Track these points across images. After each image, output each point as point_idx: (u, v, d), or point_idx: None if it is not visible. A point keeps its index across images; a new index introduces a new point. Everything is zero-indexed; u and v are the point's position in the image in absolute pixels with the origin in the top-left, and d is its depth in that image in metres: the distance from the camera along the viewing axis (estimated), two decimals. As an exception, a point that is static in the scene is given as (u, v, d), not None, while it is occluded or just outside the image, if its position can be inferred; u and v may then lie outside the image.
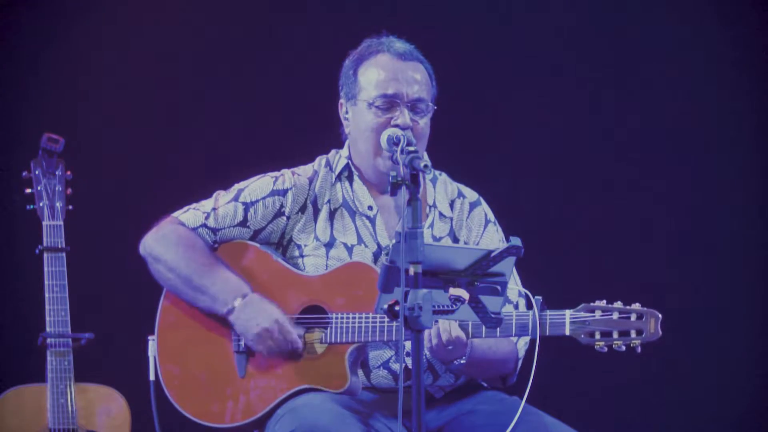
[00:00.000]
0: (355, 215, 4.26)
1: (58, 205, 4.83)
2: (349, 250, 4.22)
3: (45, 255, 4.79)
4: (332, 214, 4.26)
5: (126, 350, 4.64)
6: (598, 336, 3.95)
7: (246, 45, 5.81)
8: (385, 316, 3.39)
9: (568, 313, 3.97)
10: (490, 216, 4.37)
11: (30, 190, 4.85)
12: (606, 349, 3.94)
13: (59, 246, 4.80)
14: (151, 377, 4.20)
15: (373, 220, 4.25)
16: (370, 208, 4.26)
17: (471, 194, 4.38)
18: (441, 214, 4.30)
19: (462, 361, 4.03)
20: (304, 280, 4.16)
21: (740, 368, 5.78)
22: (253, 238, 4.24)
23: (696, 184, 5.84)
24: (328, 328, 4.09)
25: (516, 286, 4.19)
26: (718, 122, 5.84)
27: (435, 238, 4.26)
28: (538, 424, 4.02)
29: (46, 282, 4.77)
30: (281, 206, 4.25)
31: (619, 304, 3.96)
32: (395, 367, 4.14)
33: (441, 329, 3.95)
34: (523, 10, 5.88)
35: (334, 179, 4.30)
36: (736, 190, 5.83)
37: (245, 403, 4.12)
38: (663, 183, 5.85)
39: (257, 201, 4.24)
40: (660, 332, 3.93)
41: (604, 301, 3.96)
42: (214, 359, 4.16)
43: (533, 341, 3.95)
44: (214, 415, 4.14)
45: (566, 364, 5.27)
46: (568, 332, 3.96)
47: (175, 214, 4.28)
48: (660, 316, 3.94)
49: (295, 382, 4.09)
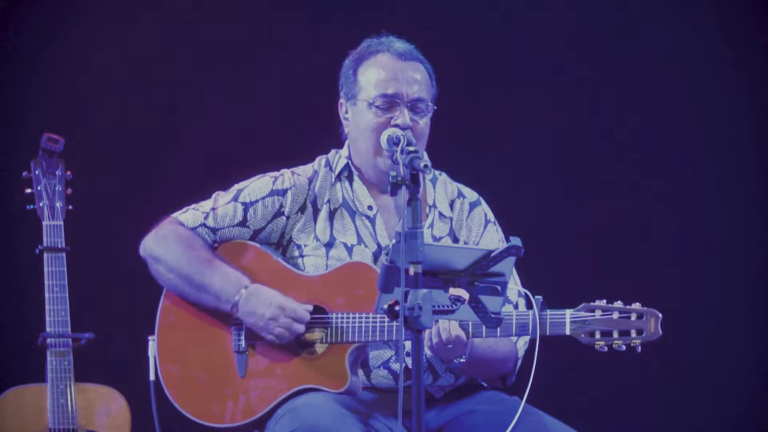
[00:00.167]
0: (354, 215, 4.25)
1: (58, 205, 4.83)
2: (349, 250, 4.21)
3: (45, 255, 4.79)
4: (332, 214, 4.26)
5: (126, 350, 4.64)
6: (598, 336, 3.94)
7: (246, 45, 5.81)
8: (385, 316, 3.39)
9: (568, 312, 3.96)
10: (490, 216, 4.37)
11: (30, 190, 4.85)
12: (606, 348, 3.94)
13: (59, 246, 4.80)
14: (151, 377, 4.20)
15: (372, 220, 4.25)
16: (370, 207, 4.26)
17: (471, 194, 4.38)
18: (441, 214, 4.30)
19: (462, 360, 4.03)
20: (305, 280, 4.16)
21: (740, 368, 5.78)
22: (253, 238, 4.24)
23: (696, 184, 5.84)
24: (329, 328, 4.09)
25: (516, 286, 4.19)
26: (718, 122, 5.84)
27: (435, 238, 4.25)
28: (538, 424, 4.01)
29: (46, 282, 4.77)
30: (281, 206, 4.24)
31: (619, 303, 3.96)
32: (395, 366, 4.14)
33: (441, 328, 3.95)
34: (523, 10, 5.87)
35: (333, 179, 4.29)
36: (736, 190, 5.82)
37: (245, 403, 4.12)
38: (663, 183, 5.84)
39: (257, 201, 4.24)
40: (660, 332, 3.93)
41: (605, 301, 3.96)
42: (214, 359, 4.16)
43: (533, 341, 3.95)
44: (214, 415, 4.14)
45: (566, 364, 5.27)
46: (568, 332, 3.96)
47: (174, 214, 4.28)
48: (660, 315, 3.94)
49: (295, 382, 4.09)
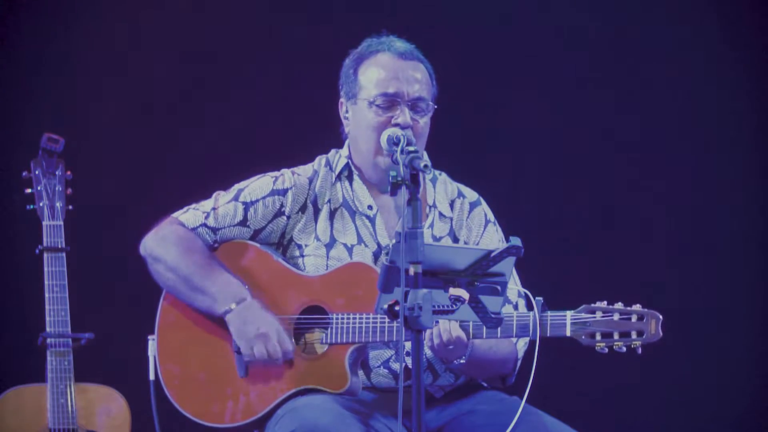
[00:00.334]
0: (355, 215, 4.25)
1: (58, 205, 4.83)
2: (349, 250, 4.21)
3: (45, 255, 4.79)
4: (332, 214, 4.26)
5: (126, 350, 4.64)
6: (598, 337, 3.94)
7: (246, 45, 5.81)
8: (385, 316, 3.39)
9: (568, 314, 3.96)
10: (490, 216, 4.37)
11: (30, 190, 4.85)
12: (607, 350, 3.93)
13: (59, 246, 4.80)
14: (151, 377, 4.20)
15: (372, 220, 4.24)
16: (370, 207, 4.25)
17: (471, 194, 4.38)
18: (441, 214, 4.29)
19: (462, 360, 4.03)
20: (305, 281, 4.16)
21: (740, 368, 5.78)
22: (253, 238, 4.24)
23: (696, 184, 5.84)
24: (329, 329, 4.09)
25: (515, 286, 4.19)
26: (718, 122, 5.84)
27: (435, 238, 4.25)
28: (538, 424, 4.01)
29: (46, 282, 4.77)
30: (281, 206, 4.24)
31: (619, 305, 3.95)
32: (395, 366, 4.14)
33: (442, 329, 3.95)
34: (524, 10, 5.87)
35: (334, 179, 4.29)
36: (736, 190, 5.82)
37: (245, 403, 4.12)
38: (663, 183, 5.84)
39: (257, 201, 4.24)
40: (661, 333, 3.93)
41: (605, 302, 3.95)
42: (214, 359, 4.16)
43: (533, 342, 3.94)
44: (214, 415, 4.14)
45: (566, 364, 5.27)
46: (568, 333, 3.95)
47: (174, 214, 4.28)
48: (661, 317, 3.93)
49: (295, 382, 4.09)
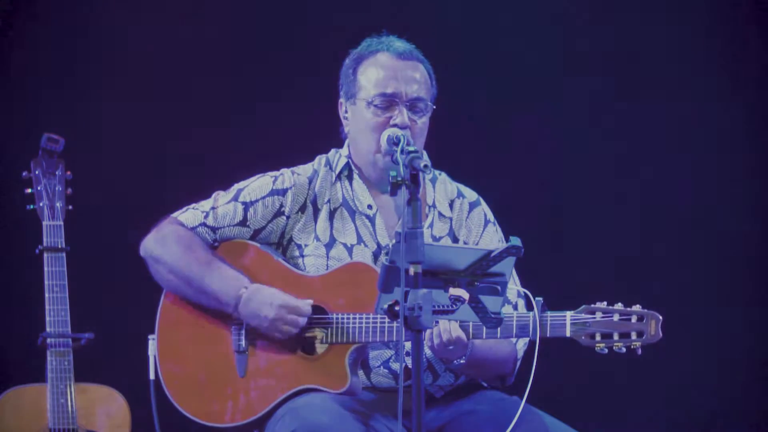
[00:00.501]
0: (354, 215, 4.25)
1: (58, 205, 4.83)
2: (349, 250, 4.21)
3: (45, 255, 4.79)
4: (332, 214, 4.26)
5: (126, 350, 4.63)
6: (598, 338, 3.94)
7: (246, 45, 5.81)
8: (385, 316, 3.39)
9: (568, 314, 3.96)
10: (490, 216, 4.37)
11: (30, 190, 4.85)
12: (606, 350, 3.93)
13: (59, 246, 4.79)
14: (151, 377, 4.20)
15: (372, 220, 4.24)
16: (370, 207, 4.25)
17: (471, 194, 4.38)
18: (440, 214, 4.29)
19: (462, 360, 4.03)
20: (305, 281, 4.16)
21: (740, 368, 5.78)
22: (253, 238, 4.24)
23: (696, 184, 5.84)
24: (329, 329, 4.09)
25: (515, 286, 4.19)
26: (718, 122, 5.84)
27: (434, 238, 4.25)
28: (538, 424, 4.01)
29: (46, 282, 4.77)
30: (281, 206, 4.24)
31: (619, 305, 3.95)
32: (395, 366, 4.14)
33: (442, 329, 3.95)
34: (524, 10, 5.87)
35: (334, 178, 4.29)
36: (736, 189, 5.82)
37: (245, 403, 4.12)
38: (663, 183, 5.84)
39: (257, 200, 4.24)
40: (661, 334, 3.93)
41: (605, 303, 3.95)
42: (214, 359, 4.16)
43: (533, 342, 3.94)
44: (214, 414, 4.14)
45: (566, 364, 5.27)
46: (568, 334, 3.95)
47: (174, 214, 4.27)
48: (661, 318, 3.93)
49: (295, 382, 4.08)
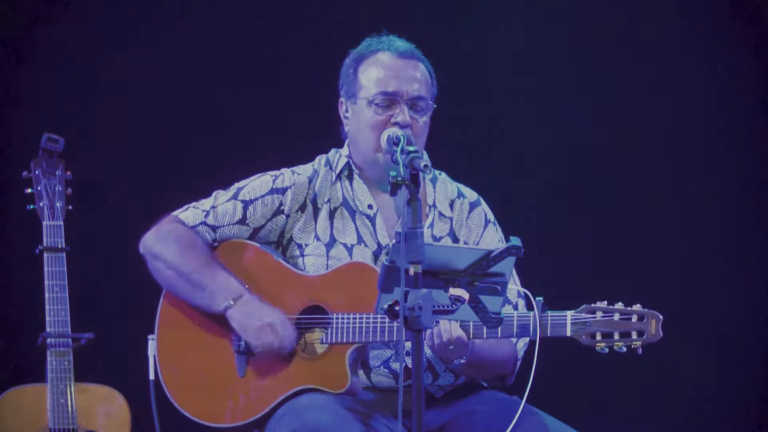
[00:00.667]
0: (354, 214, 4.25)
1: (58, 205, 4.83)
2: (349, 249, 4.21)
3: (45, 255, 4.78)
4: (332, 214, 4.26)
5: (126, 350, 4.64)
6: (599, 337, 3.94)
7: (246, 45, 5.81)
8: (385, 316, 3.39)
9: (569, 314, 3.96)
10: (490, 216, 4.37)
11: (30, 190, 4.85)
12: (607, 350, 3.93)
13: (59, 246, 4.79)
14: (151, 377, 4.20)
15: (372, 219, 4.24)
16: (370, 206, 4.25)
17: (471, 194, 4.37)
18: (441, 214, 4.29)
19: (462, 360, 4.02)
20: (305, 280, 4.15)
21: (740, 368, 5.78)
22: (252, 237, 4.23)
23: (696, 184, 5.84)
24: (329, 329, 4.09)
25: (515, 286, 4.19)
26: (718, 122, 5.84)
27: (435, 238, 4.25)
28: (538, 424, 4.01)
29: (46, 282, 4.77)
30: (280, 204, 4.24)
31: (620, 305, 3.95)
32: (395, 366, 4.14)
33: (442, 329, 3.95)
34: (523, 10, 5.87)
35: (334, 178, 4.29)
36: (736, 189, 5.82)
37: (245, 403, 4.12)
38: (663, 183, 5.84)
39: (256, 199, 4.24)
40: (661, 333, 3.92)
41: (605, 302, 3.95)
42: (214, 359, 4.16)
43: (533, 342, 3.94)
44: (214, 415, 4.14)
45: (566, 364, 5.27)
46: (569, 333, 3.95)
47: (174, 212, 4.27)
48: (661, 317, 3.93)
49: (295, 382, 4.08)
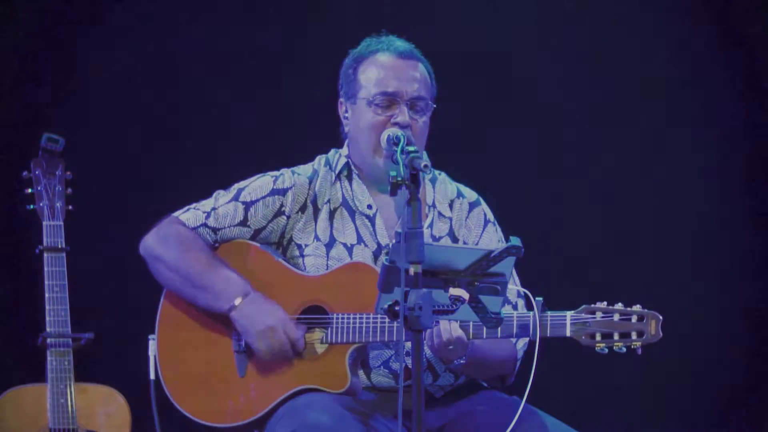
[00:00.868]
0: (354, 214, 4.25)
1: (58, 205, 4.82)
2: (349, 249, 4.21)
3: (45, 255, 4.78)
4: (332, 214, 4.26)
5: (126, 350, 4.64)
6: (598, 337, 3.94)
7: (246, 45, 5.81)
8: (385, 316, 3.39)
9: (568, 314, 3.96)
10: (490, 216, 4.37)
11: (30, 190, 4.84)
12: (607, 350, 3.93)
13: (59, 246, 4.79)
14: (151, 377, 4.20)
15: (372, 219, 4.24)
16: (370, 207, 4.25)
17: (470, 194, 4.37)
18: (440, 214, 4.29)
19: (462, 361, 4.02)
20: (305, 280, 4.16)
21: (740, 368, 5.78)
22: (254, 238, 4.23)
23: (696, 184, 5.84)
24: (329, 329, 4.09)
25: (514, 286, 4.19)
26: (718, 122, 5.84)
27: (434, 238, 4.25)
28: (538, 424, 4.01)
29: (46, 282, 4.76)
30: (281, 205, 4.24)
31: (620, 305, 3.95)
32: (395, 366, 4.14)
33: (442, 329, 3.95)
34: (523, 10, 5.87)
35: (333, 178, 4.29)
36: (736, 189, 5.82)
37: (245, 403, 4.12)
38: (663, 183, 5.84)
39: (257, 200, 4.24)
40: (661, 334, 3.93)
41: (605, 303, 3.95)
42: (214, 359, 4.16)
43: (533, 342, 3.94)
44: (214, 414, 4.14)
45: (566, 364, 5.27)
46: (568, 333, 3.95)
47: (175, 213, 4.27)
48: (661, 317, 3.93)
49: (295, 382, 4.08)
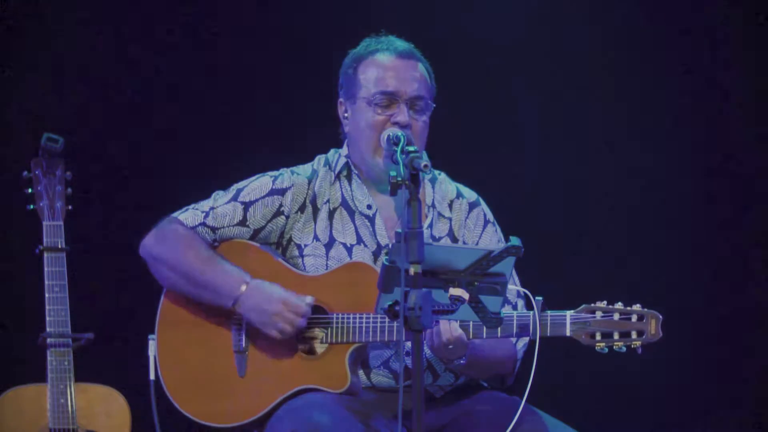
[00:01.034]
0: (354, 214, 4.25)
1: (58, 205, 4.82)
2: (349, 249, 4.21)
3: (45, 255, 4.78)
4: (332, 214, 4.26)
5: (126, 350, 4.64)
6: (598, 337, 3.94)
7: (246, 45, 5.81)
8: (385, 316, 3.39)
9: (568, 314, 3.96)
10: (489, 216, 4.37)
11: (30, 190, 4.84)
12: (607, 350, 3.94)
13: (59, 246, 4.79)
14: (151, 377, 4.20)
15: (372, 219, 4.24)
16: (369, 207, 4.25)
17: (470, 194, 4.38)
18: (440, 214, 4.29)
19: (462, 361, 4.02)
20: (305, 280, 4.15)
21: (740, 368, 5.78)
22: (253, 238, 4.24)
23: (696, 183, 5.84)
24: (329, 328, 4.09)
25: (514, 286, 4.19)
26: (718, 122, 5.83)
27: (434, 238, 4.25)
28: (538, 424, 4.01)
29: (46, 282, 4.76)
30: (280, 205, 4.24)
31: (620, 305, 3.96)
32: (395, 366, 4.14)
33: (442, 329, 3.95)
34: (523, 11, 5.87)
35: (333, 178, 4.29)
36: (736, 189, 5.82)
37: (245, 403, 4.12)
38: (663, 183, 5.84)
39: (256, 200, 4.24)
40: (661, 333, 3.93)
41: (605, 302, 3.95)
42: (214, 359, 4.16)
43: (533, 342, 3.94)
44: (214, 414, 4.14)
45: (566, 364, 5.27)
46: (568, 333, 3.96)
47: (174, 214, 4.28)
48: (661, 317, 3.93)
49: (295, 382, 4.08)
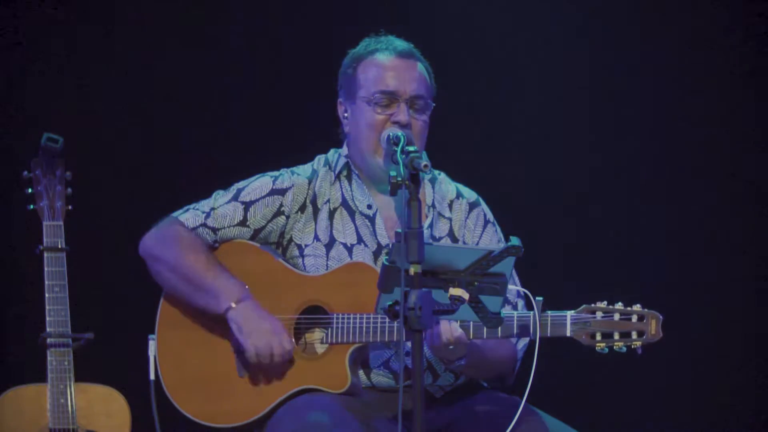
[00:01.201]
0: (354, 214, 4.25)
1: (58, 205, 4.81)
2: (349, 249, 4.21)
3: (45, 255, 4.77)
4: (332, 214, 4.26)
5: (126, 350, 4.63)
6: (599, 337, 3.94)
7: (245, 44, 5.80)
8: (386, 316, 3.39)
9: (569, 314, 3.96)
10: (489, 216, 4.37)
11: (30, 190, 4.84)
12: (607, 350, 3.94)
13: (59, 246, 4.78)
14: (151, 377, 4.20)
15: (372, 219, 4.24)
16: (369, 206, 4.25)
17: (470, 194, 4.38)
18: (440, 215, 4.29)
19: (462, 361, 4.02)
20: (305, 280, 4.16)
21: (740, 368, 5.78)
22: (253, 238, 4.24)
23: (696, 183, 5.84)
24: (329, 329, 4.09)
25: (514, 286, 4.19)
26: (718, 122, 5.83)
27: (434, 238, 4.25)
28: (538, 424, 4.01)
29: (46, 282, 4.75)
30: (281, 206, 4.24)
31: (620, 305, 3.96)
32: (395, 366, 4.14)
33: (442, 329, 3.95)
34: (524, 10, 5.87)
35: (333, 178, 4.29)
36: (736, 189, 5.82)
37: (245, 403, 4.12)
38: (663, 183, 5.84)
39: (257, 200, 4.24)
40: (661, 333, 3.93)
41: (605, 302, 3.95)
42: (214, 359, 4.16)
43: (533, 342, 3.94)
44: (214, 415, 4.14)
45: (566, 364, 5.27)
46: (569, 333, 3.96)
47: (174, 214, 4.28)
48: (661, 317, 3.93)
49: (295, 382, 4.09)
